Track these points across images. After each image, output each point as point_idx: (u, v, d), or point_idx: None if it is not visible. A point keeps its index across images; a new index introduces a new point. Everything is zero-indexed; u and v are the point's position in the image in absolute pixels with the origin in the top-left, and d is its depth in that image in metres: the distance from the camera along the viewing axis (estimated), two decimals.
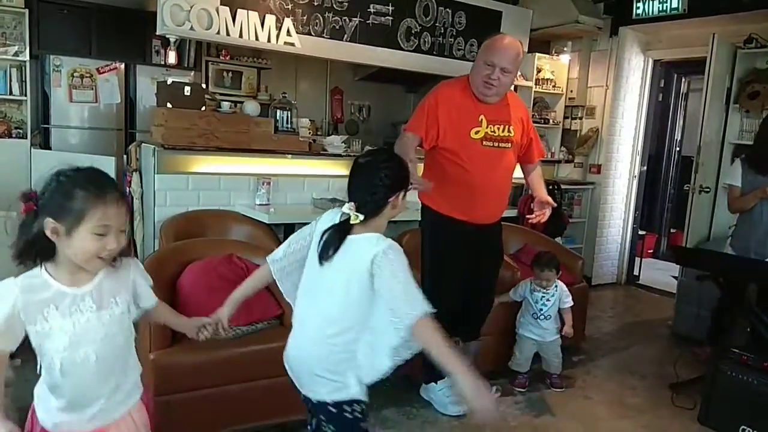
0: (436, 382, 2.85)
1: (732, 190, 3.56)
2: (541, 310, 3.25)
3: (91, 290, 1.42)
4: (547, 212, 2.86)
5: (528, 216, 3.42)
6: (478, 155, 2.67)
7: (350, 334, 1.63)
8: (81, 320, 1.40)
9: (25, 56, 4.83)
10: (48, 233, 1.35)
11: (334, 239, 1.66)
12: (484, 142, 2.67)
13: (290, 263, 1.78)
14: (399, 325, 1.51)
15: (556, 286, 3.28)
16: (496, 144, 2.71)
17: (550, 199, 2.89)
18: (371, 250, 1.58)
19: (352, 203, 1.66)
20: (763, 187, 3.35)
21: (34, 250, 1.39)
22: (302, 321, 1.74)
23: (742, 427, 2.79)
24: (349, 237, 1.65)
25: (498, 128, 2.71)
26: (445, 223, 2.73)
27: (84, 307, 1.41)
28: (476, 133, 2.66)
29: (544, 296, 3.26)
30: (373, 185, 1.67)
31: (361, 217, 1.64)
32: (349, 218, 1.65)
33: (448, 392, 2.79)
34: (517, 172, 2.98)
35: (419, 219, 2.88)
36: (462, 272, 2.75)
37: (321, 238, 1.69)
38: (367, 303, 1.61)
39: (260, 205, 3.81)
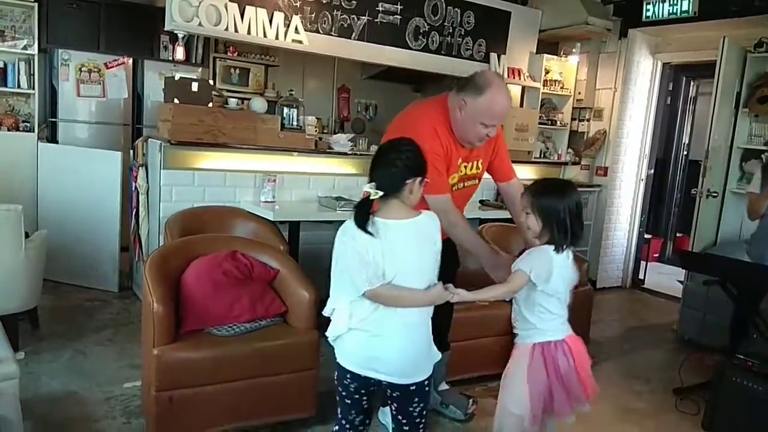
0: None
1: (751, 196, 3.48)
2: None
3: None
4: None
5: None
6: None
7: None
8: None
9: (34, 50, 4.85)
10: None
11: (363, 215, 1.72)
12: (455, 186, 2.53)
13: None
14: None
15: None
16: (464, 184, 2.58)
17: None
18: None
19: (373, 183, 1.74)
20: None
21: None
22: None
23: None
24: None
25: (467, 166, 2.53)
26: None
27: None
28: (452, 179, 2.49)
29: None
30: (393, 165, 1.77)
31: (381, 193, 1.72)
32: (369, 197, 1.72)
33: None
34: (522, 173, 2.90)
35: None
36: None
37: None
38: None
39: (265, 202, 3.80)
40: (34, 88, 4.92)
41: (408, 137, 1.87)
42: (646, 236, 6.05)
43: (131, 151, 4.15)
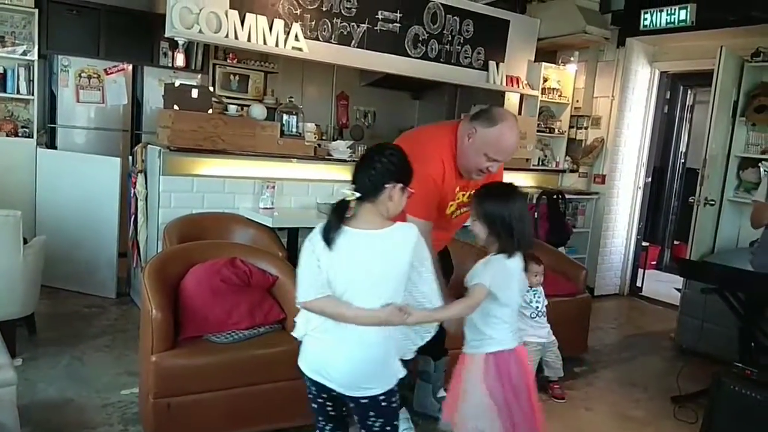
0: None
1: (755, 205, 3.42)
2: (537, 307, 3.27)
3: None
4: None
5: None
6: (444, 224, 2.54)
7: None
8: None
9: (34, 56, 4.86)
10: None
11: (333, 221, 1.69)
12: (454, 215, 2.55)
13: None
14: None
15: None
16: (461, 211, 2.57)
17: None
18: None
19: (353, 185, 1.70)
20: None
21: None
22: None
23: None
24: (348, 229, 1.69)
25: (464, 194, 2.50)
26: None
27: None
28: (450, 207, 2.49)
29: (535, 293, 3.29)
30: (373, 167, 1.70)
31: (358, 194, 1.67)
32: (345, 200, 1.68)
33: (404, 425, 2.61)
34: (520, 181, 2.94)
35: None
36: None
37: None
38: None
39: (264, 208, 3.81)
40: (33, 94, 4.93)
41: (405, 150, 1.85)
42: (644, 244, 6.07)
43: (130, 157, 4.16)
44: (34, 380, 2.95)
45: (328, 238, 1.67)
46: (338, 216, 1.69)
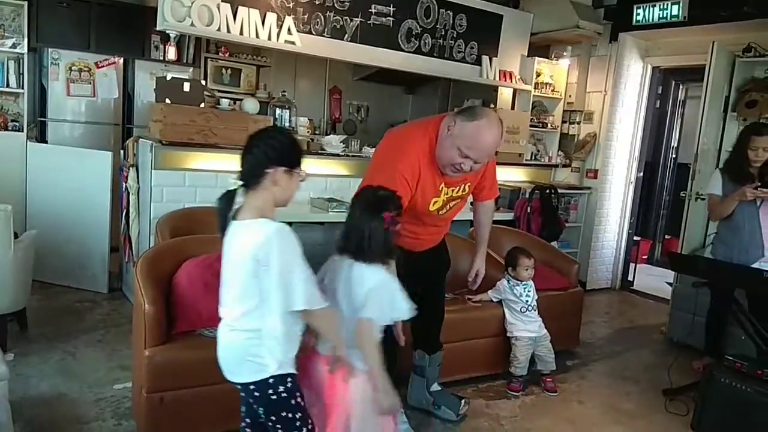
0: None
1: (712, 198, 3.60)
2: (527, 301, 3.29)
3: None
4: (479, 281, 2.83)
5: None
6: (431, 220, 2.55)
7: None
8: None
9: (23, 49, 4.80)
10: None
11: (218, 213, 1.69)
12: (441, 211, 2.52)
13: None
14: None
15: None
16: (449, 206, 2.55)
17: (483, 268, 2.81)
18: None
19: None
20: (741, 189, 3.35)
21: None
22: None
23: None
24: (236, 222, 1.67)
25: (453, 190, 2.48)
26: None
27: None
28: (434, 204, 2.46)
29: (525, 287, 3.30)
30: (251, 152, 1.68)
31: (240, 182, 1.66)
32: (229, 190, 1.68)
33: (397, 419, 2.70)
34: (513, 176, 2.95)
35: None
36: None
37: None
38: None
39: None
40: (23, 88, 4.88)
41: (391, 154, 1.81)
42: (635, 238, 6.10)
43: (122, 152, 4.13)
44: (26, 375, 2.93)
45: (222, 231, 1.68)
46: (221, 207, 1.69)
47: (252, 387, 1.70)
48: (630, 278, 5.99)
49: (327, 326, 1.78)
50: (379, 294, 1.86)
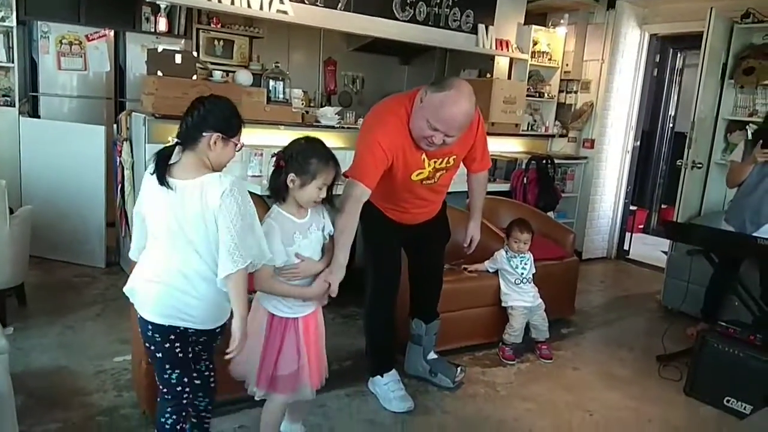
0: (381, 375, 2.73)
1: (732, 164, 3.67)
2: (522, 274, 3.30)
3: (309, 220, 2.02)
4: (474, 246, 2.84)
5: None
6: (417, 191, 2.53)
7: None
8: (311, 238, 2.03)
9: (12, 22, 4.70)
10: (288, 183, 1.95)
11: (160, 160, 1.76)
12: (424, 182, 2.50)
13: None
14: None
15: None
16: (438, 175, 2.53)
17: (477, 234, 2.84)
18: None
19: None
20: (753, 154, 3.38)
21: (280, 194, 1.99)
22: None
23: (727, 398, 2.86)
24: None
25: (437, 161, 2.46)
26: (377, 214, 2.57)
27: (311, 230, 2.03)
28: (418, 174, 2.45)
29: (522, 260, 3.32)
30: (191, 114, 1.76)
31: (176, 140, 1.75)
32: (165, 147, 1.78)
33: (394, 387, 2.71)
34: (510, 146, 2.94)
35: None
36: (397, 250, 2.71)
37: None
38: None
39: (252, 176, 3.78)
40: (13, 62, 4.78)
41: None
42: (632, 207, 6.12)
43: (115, 126, 4.09)
44: (26, 349, 2.96)
45: (160, 180, 1.73)
46: (157, 162, 1.74)
47: (218, 330, 1.91)
48: (626, 247, 6.02)
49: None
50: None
